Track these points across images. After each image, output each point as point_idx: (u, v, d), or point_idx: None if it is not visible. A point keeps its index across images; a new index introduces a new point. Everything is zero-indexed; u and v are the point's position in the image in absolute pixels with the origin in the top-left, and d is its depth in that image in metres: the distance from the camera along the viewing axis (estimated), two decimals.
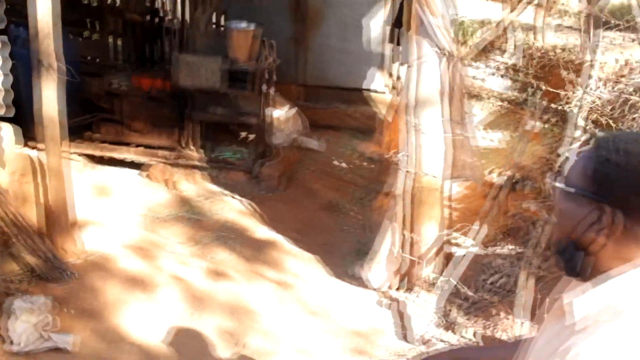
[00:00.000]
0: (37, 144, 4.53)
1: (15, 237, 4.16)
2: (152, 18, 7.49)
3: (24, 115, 5.95)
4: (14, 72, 4.42)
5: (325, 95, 8.10)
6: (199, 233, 5.37)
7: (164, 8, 8.09)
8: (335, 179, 6.65)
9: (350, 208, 6.12)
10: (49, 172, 4.40)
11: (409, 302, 4.50)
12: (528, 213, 4.86)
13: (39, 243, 4.25)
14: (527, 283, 3.76)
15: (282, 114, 7.10)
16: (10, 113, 4.41)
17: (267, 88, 6.20)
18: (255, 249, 5.23)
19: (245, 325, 4.22)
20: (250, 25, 6.01)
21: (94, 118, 6.50)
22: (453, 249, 4.81)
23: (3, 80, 4.30)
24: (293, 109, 7.32)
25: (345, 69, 7.99)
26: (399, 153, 4.50)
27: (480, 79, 9.61)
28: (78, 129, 6.35)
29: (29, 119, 5.63)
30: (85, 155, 6.30)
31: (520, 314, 3.67)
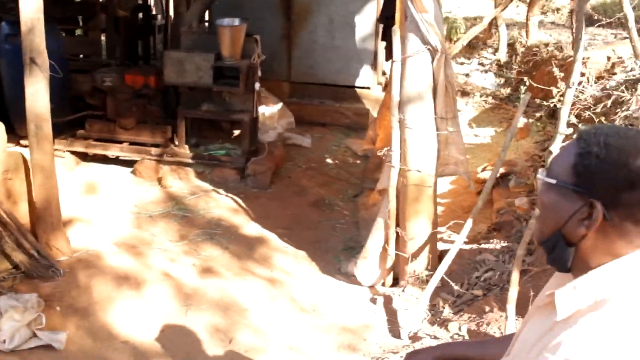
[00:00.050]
0: (26, 141, 4.51)
1: (2, 234, 4.14)
2: (140, 14, 7.48)
3: (9, 112, 5.92)
4: None
5: (314, 92, 8.10)
6: (188, 230, 5.37)
7: (153, 5, 8.08)
8: (325, 176, 6.65)
9: (340, 205, 6.12)
10: (37, 169, 4.37)
11: (399, 298, 4.51)
12: (516, 208, 4.89)
13: (27, 241, 4.23)
14: (516, 278, 3.77)
15: (270, 111, 7.09)
16: None
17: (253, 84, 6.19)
18: (245, 246, 5.23)
19: (235, 322, 4.22)
20: (238, 22, 5.99)
21: (84, 115, 6.47)
22: (443, 245, 4.83)
23: None
24: (280, 105, 7.32)
25: (335, 66, 7.98)
26: (388, 149, 4.50)
27: (465, 74, 9.65)
28: (67, 127, 6.33)
29: (16, 116, 5.61)
30: (75, 153, 6.29)
31: (512, 310, 3.68)
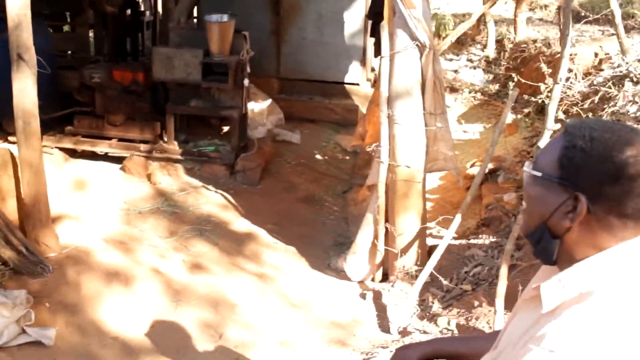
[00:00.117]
0: (14, 138, 4.49)
1: None
2: (129, 10, 7.44)
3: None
4: None
5: (304, 89, 8.09)
6: (178, 226, 5.36)
7: (141, 1, 8.04)
8: (314, 172, 6.66)
9: (330, 200, 6.14)
10: (26, 166, 4.35)
11: (389, 293, 4.53)
12: (504, 203, 4.93)
13: (16, 237, 4.20)
14: (505, 273, 3.80)
15: (259, 107, 7.09)
16: None
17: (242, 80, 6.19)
18: (235, 242, 5.23)
19: (225, 318, 4.22)
20: (226, 18, 5.98)
21: (72, 112, 6.44)
22: (432, 240, 4.85)
23: None
24: (270, 102, 7.31)
25: (324, 62, 7.98)
26: (377, 145, 4.52)
27: (454, 71, 9.68)
28: (56, 123, 6.30)
29: (3, 113, 5.57)
30: (63, 149, 6.26)
31: (499, 304, 3.71)
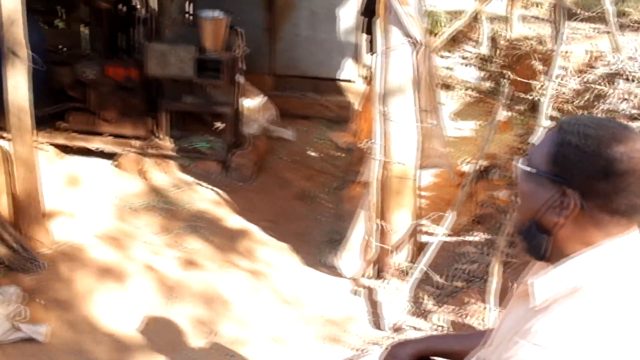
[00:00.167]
0: (7, 134, 4.47)
1: None
2: (122, 6, 7.41)
3: None
4: None
5: (298, 85, 8.08)
6: (172, 223, 5.35)
7: None
8: (308, 169, 6.66)
9: (324, 197, 6.14)
10: (19, 161, 4.34)
11: (382, 290, 4.53)
12: (497, 201, 4.94)
13: (8, 233, 4.19)
14: (496, 270, 3.81)
15: (252, 103, 7.07)
16: None
17: (237, 77, 6.17)
18: (228, 239, 5.23)
19: (219, 314, 4.23)
20: (221, 14, 5.97)
21: (65, 108, 6.41)
22: (425, 237, 4.86)
23: None
24: (264, 98, 7.29)
25: (317, 59, 7.97)
26: (371, 142, 4.53)
27: (447, 68, 9.69)
28: (49, 119, 6.27)
29: None
30: (57, 145, 6.23)
31: (491, 301, 3.72)
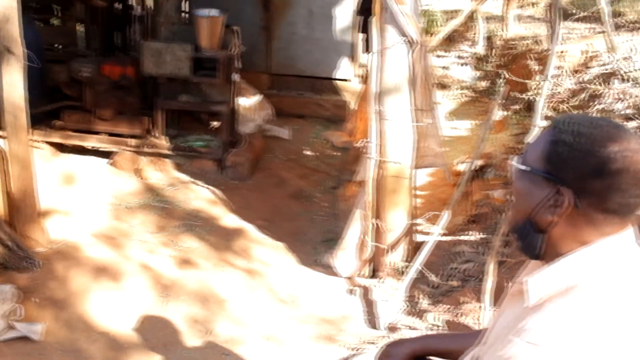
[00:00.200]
0: (2, 132, 4.46)
1: None
2: (118, 4, 7.40)
3: None
4: None
5: (294, 84, 8.09)
6: (167, 221, 5.35)
7: None
8: (304, 168, 6.66)
9: (319, 196, 6.14)
10: (14, 160, 4.33)
11: (377, 289, 4.53)
12: (493, 200, 4.95)
13: (3, 232, 4.18)
14: (492, 269, 3.82)
15: (248, 102, 7.07)
16: None
17: (233, 75, 6.17)
18: (224, 237, 5.23)
19: (214, 313, 4.22)
20: (217, 12, 5.97)
21: (61, 106, 6.41)
22: (420, 237, 4.87)
23: None
24: (260, 97, 7.29)
25: (314, 58, 7.97)
26: (366, 141, 4.53)
27: (443, 67, 9.70)
28: (45, 117, 6.26)
29: None
30: (52, 144, 6.22)
31: (487, 300, 3.73)
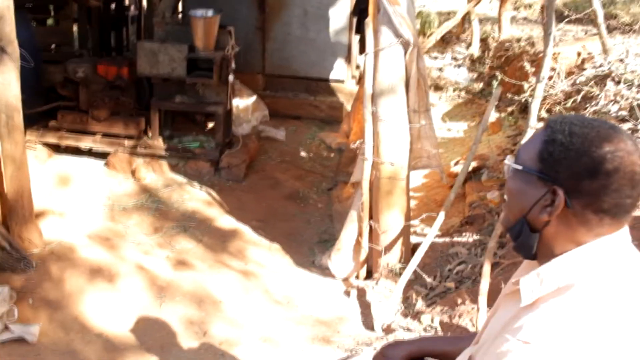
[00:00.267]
0: None
1: None
2: (114, 5, 7.40)
3: None
4: None
5: (289, 85, 8.08)
6: (162, 223, 5.35)
7: None
8: (300, 169, 6.66)
9: (315, 198, 6.14)
10: (8, 160, 4.31)
11: (373, 290, 4.54)
12: (487, 201, 4.96)
13: None
14: (487, 271, 3.82)
15: (244, 103, 7.07)
16: None
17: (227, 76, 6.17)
18: (219, 239, 5.23)
19: (209, 314, 4.22)
20: (211, 13, 5.96)
21: (55, 106, 6.39)
22: (415, 238, 4.87)
23: None
24: (255, 98, 7.29)
25: (309, 59, 7.97)
26: (361, 142, 4.53)
27: (438, 69, 9.72)
28: (40, 118, 6.25)
29: None
30: (47, 144, 6.21)
31: (482, 302, 3.73)
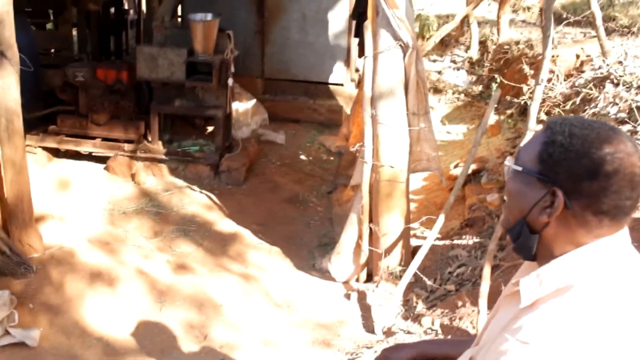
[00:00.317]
0: None
1: None
2: (113, 9, 7.41)
3: None
4: None
5: (288, 89, 8.09)
6: (162, 226, 5.35)
7: None
8: (299, 172, 6.66)
9: (314, 201, 6.14)
10: (8, 165, 4.31)
11: (373, 293, 4.53)
12: (487, 204, 4.96)
13: None
14: (488, 273, 3.82)
15: (243, 107, 7.07)
16: None
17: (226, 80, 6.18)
18: (219, 242, 5.23)
19: (210, 318, 4.22)
20: (210, 17, 5.97)
21: (55, 111, 6.40)
22: (415, 241, 4.87)
23: None
24: (254, 102, 7.30)
25: (308, 62, 7.98)
26: (361, 145, 4.53)
27: (437, 72, 9.73)
28: (40, 122, 6.26)
29: None
30: (47, 149, 6.22)
31: (483, 304, 3.72)
